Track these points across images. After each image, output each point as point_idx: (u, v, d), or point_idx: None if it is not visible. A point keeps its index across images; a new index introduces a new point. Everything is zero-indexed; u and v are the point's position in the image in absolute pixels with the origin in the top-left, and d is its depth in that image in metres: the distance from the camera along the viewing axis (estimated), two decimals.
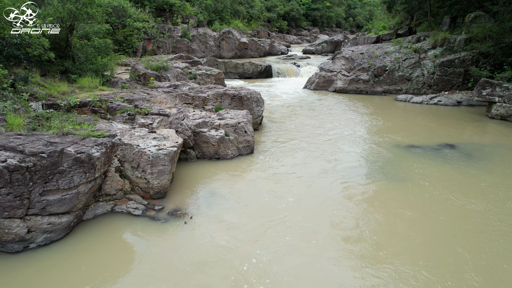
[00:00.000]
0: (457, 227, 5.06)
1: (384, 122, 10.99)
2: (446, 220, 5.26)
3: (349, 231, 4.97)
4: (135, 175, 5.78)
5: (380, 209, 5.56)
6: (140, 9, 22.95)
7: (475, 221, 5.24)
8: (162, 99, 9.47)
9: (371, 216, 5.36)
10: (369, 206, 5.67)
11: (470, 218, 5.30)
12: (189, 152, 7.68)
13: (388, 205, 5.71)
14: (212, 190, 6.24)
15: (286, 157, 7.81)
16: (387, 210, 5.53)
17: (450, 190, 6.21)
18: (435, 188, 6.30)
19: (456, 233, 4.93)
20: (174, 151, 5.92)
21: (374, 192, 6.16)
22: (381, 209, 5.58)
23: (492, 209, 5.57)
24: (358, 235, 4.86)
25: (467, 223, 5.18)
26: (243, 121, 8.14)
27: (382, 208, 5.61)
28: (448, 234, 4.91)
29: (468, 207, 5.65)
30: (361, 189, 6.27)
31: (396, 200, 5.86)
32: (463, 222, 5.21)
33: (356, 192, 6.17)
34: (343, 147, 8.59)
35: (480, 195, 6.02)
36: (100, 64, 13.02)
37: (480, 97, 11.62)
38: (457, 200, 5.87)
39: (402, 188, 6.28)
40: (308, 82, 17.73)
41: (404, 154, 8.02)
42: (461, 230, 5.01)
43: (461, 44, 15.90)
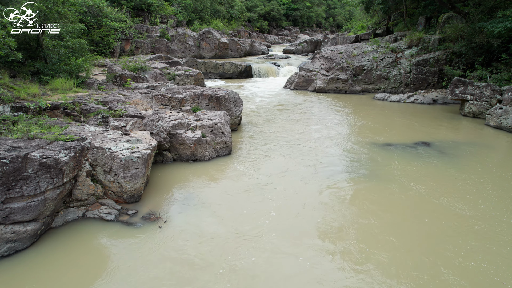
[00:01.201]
0: (435, 228, 5.15)
1: (363, 121, 11.13)
2: (425, 221, 5.35)
3: (329, 242, 4.98)
4: (108, 179, 5.61)
5: (360, 214, 5.59)
6: (117, 9, 22.44)
7: (454, 223, 5.35)
8: (138, 100, 9.27)
9: (351, 224, 5.39)
10: (348, 212, 5.70)
11: (447, 220, 5.40)
12: (165, 154, 7.53)
13: (369, 209, 5.75)
14: (188, 193, 6.13)
15: (264, 158, 7.78)
16: (367, 214, 5.57)
17: (426, 189, 6.32)
18: (412, 188, 6.40)
19: (433, 233, 5.02)
20: (147, 153, 5.78)
21: (351, 195, 6.20)
22: (361, 214, 5.62)
23: (467, 209, 5.70)
24: (336, 247, 4.87)
25: (447, 226, 5.28)
26: (221, 122, 8.05)
27: (363, 213, 5.65)
28: (426, 235, 4.99)
29: (445, 207, 5.76)
30: (339, 192, 6.30)
31: (375, 203, 5.90)
32: (441, 223, 5.30)
33: (334, 196, 6.19)
34: (321, 145, 8.63)
35: (456, 195, 6.13)
36: (74, 65, 12.65)
37: (453, 96, 11.95)
38: (434, 200, 5.97)
39: (381, 189, 6.34)
40: (288, 82, 17.79)
41: (382, 153, 8.13)
42: (439, 231, 5.10)
43: (435, 44, 16.32)
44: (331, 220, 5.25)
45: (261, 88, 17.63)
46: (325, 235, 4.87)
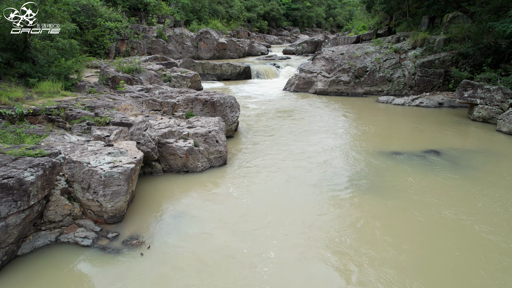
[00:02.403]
0: (472, 265, 4.51)
1: (367, 126, 10.54)
2: (457, 255, 4.73)
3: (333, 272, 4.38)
4: (86, 197, 5.01)
5: (376, 246, 4.99)
6: (112, 8, 21.84)
7: (472, 244, 4.75)
8: (127, 105, 8.67)
9: (369, 264, 4.79)
10: (364, 249, 5.10)
11: (484, 252, 4.77)
12: (154, 165, 6.94)
13: (384, 238, 5.14)
14: (177, 211, 5.53)
15: (262, 170, 7.18)
16: (383, 246, 4.97)
17: (446, 209, 5.67)
18: (429, 206, 5.78)
19: (473, 274, 4.41)
20: (131, 168, 5.18)
21: (362, 223, 5.60)
22: (377, 246, 5.02)
23: (487, 228, 5.11)
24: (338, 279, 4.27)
25: (487, 261, 4.67)
26: (215, 129, 7.45)
27: (379, 244, 5.05)
28: (464, 276, 4.36)
29: (473, 233, 5.14)
30: (349, 218, 5.70)
31: (391, 229, 5.29)
32: (478, 257, 4.66)
33: (344, 224, 5.59)
34: (322, 153, 8.03)
35: (481, 216, 5.47)
36: (64, 67, 12.05)
37: (461, 99, 11.35)
38: (459, 224, 5.34)
39: (395, 210, 5.72)
40: (287, 84, 17.20)
41: (387, 162, 7.54)
42: (480, 269, 4.50)
43: (441, 45, 15.73)
44: (344, 262, 4.49)
45: (260, 90, 17.04)
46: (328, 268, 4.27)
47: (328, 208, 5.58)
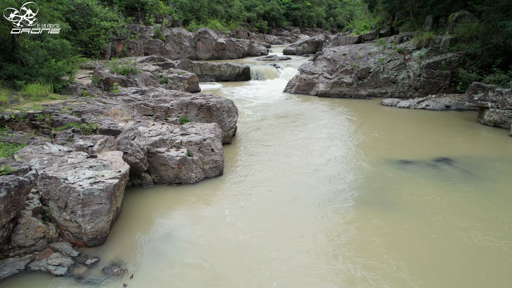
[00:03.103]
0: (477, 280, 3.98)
1: (372, 132, 9.98)
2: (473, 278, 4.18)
3: None
4: (63, 217, 4.45)
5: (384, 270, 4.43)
6: (108, 8, 21.28)
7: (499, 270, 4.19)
8: (118, 110, 8.12)
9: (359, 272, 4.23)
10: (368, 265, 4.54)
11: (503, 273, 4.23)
12: (143, 177, 6.38)
13: (402, 268, 4.58)
14: (166, 233, 4.96)
15: (261, 184, 6.58)
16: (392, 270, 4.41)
17: (462, 227, 5.09)
18: (443, 224, 5.21)
19: None
20: (114, 184, 4.62)
21: (371, 237, 5.04)
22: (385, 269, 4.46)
23: None
24: None
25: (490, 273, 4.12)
26: (210, 137, 6.89)
27: (386, 267, 4.49)
28: None
29: (494, 253, 4.59)
30: (355, 235, 5.14)
31: (409, 254, 4.72)
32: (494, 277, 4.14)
33: (354, 250, 5.04)
34: (327, 165, 7.47)
35: (499, 234, 4.92)
36: (54, 68, 11.49)
37: (471, 102, 10.79)
38: (478, 244, 4.77)
39: (406, 227, 5.17)
40: (288, 86, 16.63)
41: (398, 173, 6.97)
42: None
43: (447, 45, 15.17)
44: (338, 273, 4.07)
45: (260, 92, 16.47)
46: None
47: (338, 235, 4.95)
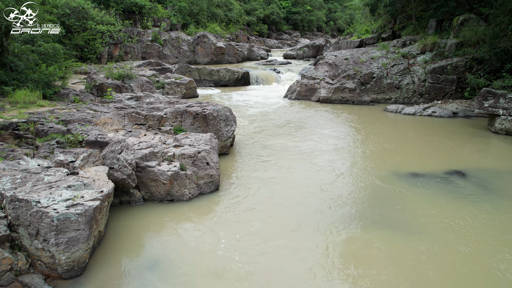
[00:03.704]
0: None
1: (378, 142, 9.46)
2: None
3: None
4: (35, 245, 3.92)
5: None
6: (104, 11, 20.85)
7: None
8: (107, 119, 7.61)
9: None
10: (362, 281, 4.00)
11: None
12: (132, 193, 5.85)
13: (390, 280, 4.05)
14: (154, 260, 4.43)
15: (260, 201, 6.02)
16: None
17: (488, 254, 4.55)
18: (466, 248, 4.66)
19: None
20: (95, 207, 4.09)
21: (386, 269, 4.51)
22: None
23: None
24: None
25: None
26: (205, 149, 6.37)
27: None
28: None
29: None
30: (360, 259, 4.61)
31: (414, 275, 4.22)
32: None
33: (354, 265, 4.50)
34: (333, 183, 6.93)
35: None
36: (45, 74, 11.01)
37: (481, 109, 10.29)
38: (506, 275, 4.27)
39: (420, 249, 4.64)
40: (289, 91, 16.14)
41: (409, 189, 6.43)
42: None
43: (452, 49, 14.70)
44: None
45: (260, 98, 15.98)
46: None
47: (348, 267, 4.44)
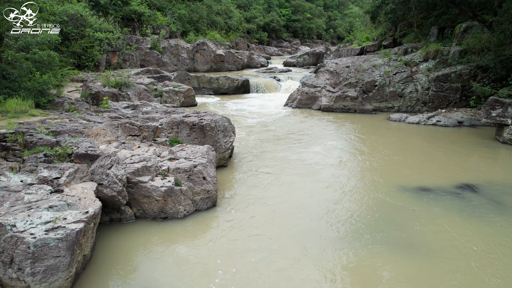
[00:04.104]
0: None
1: (383, 153, 9.09)
2: None
3: None
4: (8, 275, 3.52)
5: None
6: (102, 19, 20.65)
7: None
8: (100, 130, 7.24)
9: None
10: None
11: None
12: (123, 211, 5.46)
13: None
14: (144, 283, 4.03)
15: (261, 222, 5.60)
16: None
17: (510, 279, 4.21)
18: (484, 274, 4.28)
19: None
20: (78, 230, 3.70)
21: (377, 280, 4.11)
22: None
23: None
24: None
25: None
26: (202, 162, 5.99)
27: None
28: None
29: None
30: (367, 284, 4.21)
31: None
32: None
33: None
34: (339, 202, 6.55)
35: None
36: (39, 82, 10.71)
37: (489, 119, 9.95)
38: None
39: (432, 272, 4.24)
40: (289, 99, 15.82)
41: (418, 205, 6.04)
42: None
43: (456, 57, 14.41)
44: None
45: (259, 106, 15.65)
46: None
47: None
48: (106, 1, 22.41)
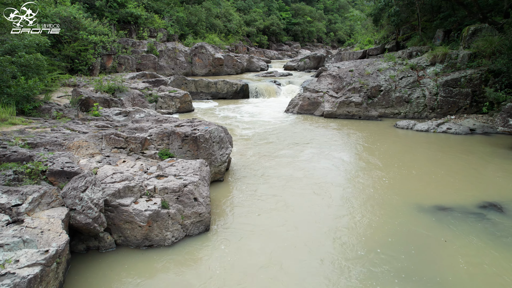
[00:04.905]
0: None
1: (393, 164, 8.37)
2: None
3: None
4: None
5: None
6: (97, 21, 19.99)
7: None
8: (82, 142, 6.53)
9: None
10: None
11: None
12: (102, 238, 4.73)
13: None
14: None
15: (260, 252, 4.90)
16: None
17: None
18: None
19: None
20: (31, 278, 2.97)
21: None
22: None
23: None
24: None
25: None
26: (193, 181, 5.27)
27: None
28: None
29: None
30: None
31: None
32: None
33: None
34: (346, 222, 5.82)
35: None
36: (23, 87, 10.04)
37: (506, 127, 9.25)
38: None
39: None
40: (290, 105, 15.12)
41: (438, 229, 5.31)
42: None
43: (465, 61, 13.73)
44: None
45: (259, 112, 14.94)
46: None
47: None
48: (101, 3, 21.77)
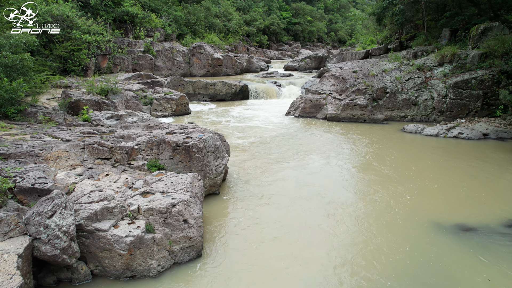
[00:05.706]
0: None
1: (403, 175, 7.70)
2: None
3: None
4: None
5: None
6: (91, 20, 19.31)
7: None
8: (61, 152, 5.86)
9: None
10: None
11: None
12: (75, 268, 4.06)
13: None
14: None
15: (261, 278, 4.29)
16: None
17: None
18: None
19: None
20: None
21: None
22: None
23: None
24: None
25: None
26: (183, 199, 4.60)
27: None
28: None
29: None
30: None
31: None
32: None
33: None
34: (355, 246, 5.16)
35: None
36: (6, 89, 9.38)
37: None
38: None
39: None
40: (291, 107, 14.44)
41: (461, 254, 4.64)
42: None
43: (475, 61, 13.06)
44: None
45: (259, 115, 14.27)
46: None
47: None
48: (96, 1, 21.10)
